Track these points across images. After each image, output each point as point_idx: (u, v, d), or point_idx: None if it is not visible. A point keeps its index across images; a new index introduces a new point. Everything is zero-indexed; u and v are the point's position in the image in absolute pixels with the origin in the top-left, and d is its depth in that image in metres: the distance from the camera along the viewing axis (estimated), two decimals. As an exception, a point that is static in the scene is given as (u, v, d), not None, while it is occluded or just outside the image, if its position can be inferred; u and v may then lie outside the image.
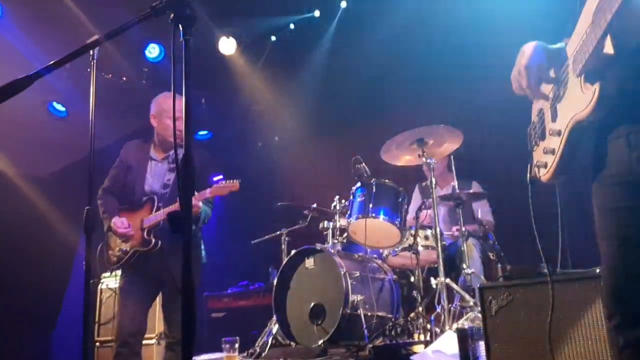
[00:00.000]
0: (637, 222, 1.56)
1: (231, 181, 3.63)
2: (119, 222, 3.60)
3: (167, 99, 3.76)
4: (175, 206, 3.51)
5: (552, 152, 1.72)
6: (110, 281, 5.45)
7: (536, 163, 1.84)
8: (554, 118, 1.75)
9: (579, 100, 1.58)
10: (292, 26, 6.90)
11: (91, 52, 2.60)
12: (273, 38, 7.08)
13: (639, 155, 1.51)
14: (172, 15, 1.80)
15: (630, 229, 1.57)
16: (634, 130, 1.52)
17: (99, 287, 5.54)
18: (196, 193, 3.53)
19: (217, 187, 3.59)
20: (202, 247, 3.98)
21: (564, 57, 1.73)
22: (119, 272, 3.80)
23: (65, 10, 5.65)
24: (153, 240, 3.58)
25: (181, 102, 3.74)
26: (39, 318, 6.99)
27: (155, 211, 3.62)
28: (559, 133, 1.67)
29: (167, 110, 3.68)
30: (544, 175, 1.79)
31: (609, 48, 1.49)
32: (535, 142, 1.89)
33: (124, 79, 6.84)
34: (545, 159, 1.77)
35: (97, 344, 5.41)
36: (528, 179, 1.88)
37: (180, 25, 1.79)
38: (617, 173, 1.59)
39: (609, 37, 1.48)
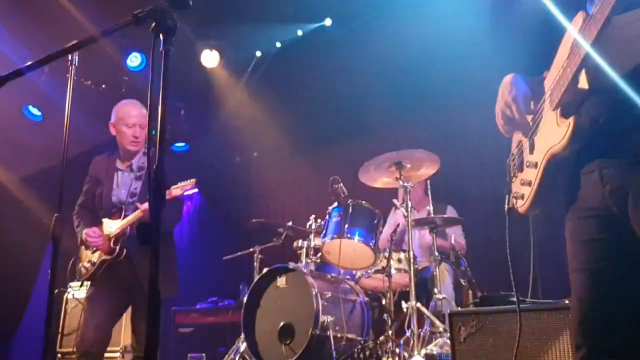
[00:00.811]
0: (608, 255, 1.57)
1: (187, 181, 3.60)
2: (91, 232, 3.59)
3: (125, 106, 3.81)
4: (137, 214, 3.49)
5: (529, 184, 1.73)
6: (78, 291, 5.34)
7: (514, 194, 1.85)
8: (531, 150, 1.76)
9: (554, 133, 1.60)
10: (278, 44, 6.94)
11: (70, 57, 2.57)
12: (258, 53, 7.10)
13: (611, 190, 1.52)
14: (153, 24, 1.79)
15: (601, 262, 1.58)
16: (606, 164, 1.54)
17: (65, 297, 5.42)
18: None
19: (173, 189, 3.54)
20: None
21: (542, 90, 1.75)
22: (87, 282, 3.75)
23: (55, 9, 5.58)
24: (117, 249, 3.54)
25: (141, 110, 3.72)
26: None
27: (122, 220, 3.60)
28: (535, 165, 1.69)
29: (124, 117, 3.74)
30: (521, 206, 1.80)
31: (583, 83, 1.51)
32: (514, 174, 1.90)
33: (103, 86, 6.78)
34: (523, 191, 1.78)
35: (59, 355, 5.27)
36: (506, 209, 1.88)
37: (161, 35, 1.77)
38: (590, 206, 1.61)
39: (583, 72, 1.51)
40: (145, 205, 3.48)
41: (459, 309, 3.10)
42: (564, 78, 1.56)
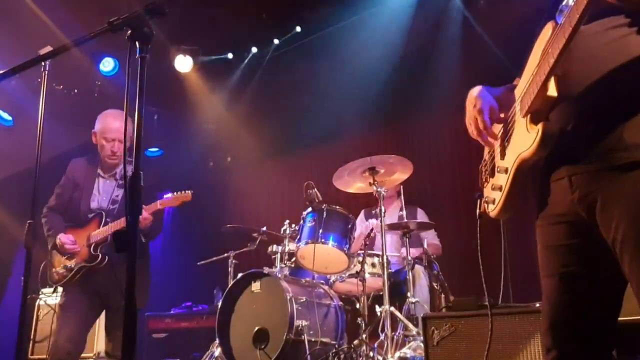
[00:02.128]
0: (578, 260, 1.60)
1: (183, 192, 3.59)
2: (65, 239, 3.54)
3: (106, 119, 3.74)
4: (122, 221, 3.45)
5: (500, 189, 1.76)
6: (49, 298, 5.27)
7: (485, 199, 1.88)
8: (502, 156, 1.80)
9: (524, 139, 1.63)
10: (254, 49, 6.95)
11: (43, 63, 2.55)
12: (230, 56, 7.10)
13: (580, 196, 1.55)
14: (129, 32, 1.79)
15: (571, 267, 1.61)
16: (576, 171, 1.56)
17: (36, 303, 5.34)
18: (144, 206, 3.48)
19: (167, 199, 3.54)
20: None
21: (513, 98, 1.79)
22: (59, 289, 3.70)
23: (27, 16, 5.52)
24: (100, 256, 3.51)
25: (121, 123, 3.66)
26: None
27: (103, 226, 3.57)
28: (506, 171, 1.72)
29: (103, 131, 3.70)
30: (492, 211, 1.83)
31: (552, 90, 1.55)
32: (486, 179, 1.94)
33: (75, 90, 6.71)
34: (494, 196, 1.81)
35: (31, 362, 5.20)
36: (477, 213, 1.91)
37: (137, 43, 1.77)
38: (560, 212, 1.63)
39: (552, 79, 1.54)
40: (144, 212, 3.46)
41: (431, 313, 3.15)
42: (534, 85, 1.59)
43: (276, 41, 6.76)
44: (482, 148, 2.11)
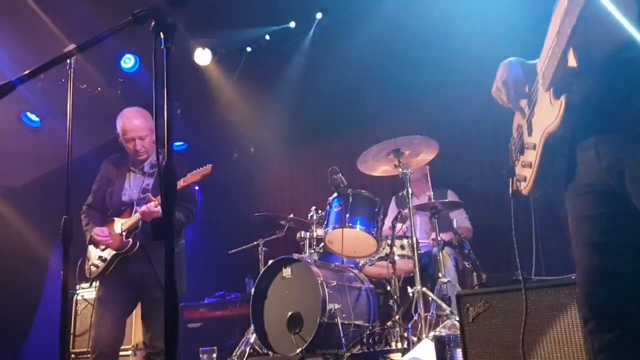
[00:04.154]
0: (609, 229, 1.60)
1: (203, 167, 3.63)
2: (99, 231, 3.62)
3: (123, 121, 3.77)
4: (149, 206, 3.51)
5: (530, 165, 1.76)
6: (86, 292, 5.39)
7: (517, 177, 1.88)
8: (529, 132, 1.79)
9: (548, 113, 1.62)
10: (267, 37, 6.93)
11: (68, 61, 2.58)
12: (249, 49, 7.10)
13: (608, 165, 1.55)
14: (153, 23, 1.80)
15: (603, 237, 1.61)
16: (602, 140, 1.56)
17: (74, 299, 5.46)
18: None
19: (190, 175, 3.58)
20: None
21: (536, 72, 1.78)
22: (96, 284, 3.78)
23: (38, 21, 5.61)
24: (131, 241, 3.58)
25: (138, 121, 3.69)
26: (9, 332, 6.85)
27: (133, 214, 3.64)
28: (534, 147, 1.72)
29: (122, 133, 3.75)
30: (524, 188, 1.83)
31: (572, 61, 1.55)
32: (516, 157, 1.93)
33: (99, 89, 6.79)
34: (525, 173, 1.81)
35: (72, 355, 5.32)
36: (510, 192, 1.91)
37: (161, 34, 1.79)
38: (589, 182, 1.63)
39: (572, 50, 1.54)
40: (157, 197, 3.52)
41: (466, 290, 3.14)
42: (554, 58, 1.59)
43: (292, 24, 6.71)
44: (510, 124, 2.10)
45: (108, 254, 3.62)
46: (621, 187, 1.53)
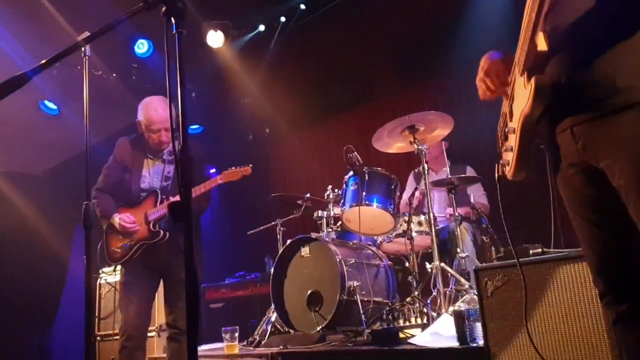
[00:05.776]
0: (603, 206, 1.62)
1: (242, 166, 3.64)
2: (125, 217, 3.62)
3: (148, 111, 3.67)
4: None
5: (511, 149, 1.79)
6: (109, 276, 5.49)
7: (502, 162, 1.90)
8: (510, 117, 1.83)
9: (523, 96, 1.66)
10: (283, 19, 6.91)
11: (83, 49, 2.60)
12: (261, 28, 7.08)
13: (584, 144, 1.57)
14: (164, 8, 1.81)
15: (597, 214, 1.64)
16: (576, 121, 1.58)
17: (97, 282, 5.56)
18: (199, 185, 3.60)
19: (229, 173, 3.59)
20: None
21: None
22: (118, 267, 3.82)
23: (50, 10, 5.65)
24: (160, 232, 3.62)
25: (164, 111, 3.62)
26: (37, 315, 7.01)
27: (160, 204, 3.66)
28: (514, 131, 1.75)
29: (148, 124, 3.66)
30: (508, 172, 1.85)
31: (542, 45, 1.58)
32: (502, 143, 1.96)
33: (114, 75, 6.83)
34: (508, 158, 1.84)
35: (98, 338, 5.44)
36: (496, 177, 1.94)
37: (172, 18, 1.80)
38: (571, 163, 1.66)
39: (541, 34, 1.57)
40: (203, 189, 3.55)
41: (484, 264, 3.15)
42: (525, 43, 1.62)
43: (302, 7, 6.68)
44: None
45: (134, 241, 3.63)
46: (599, 164, 1.56)
